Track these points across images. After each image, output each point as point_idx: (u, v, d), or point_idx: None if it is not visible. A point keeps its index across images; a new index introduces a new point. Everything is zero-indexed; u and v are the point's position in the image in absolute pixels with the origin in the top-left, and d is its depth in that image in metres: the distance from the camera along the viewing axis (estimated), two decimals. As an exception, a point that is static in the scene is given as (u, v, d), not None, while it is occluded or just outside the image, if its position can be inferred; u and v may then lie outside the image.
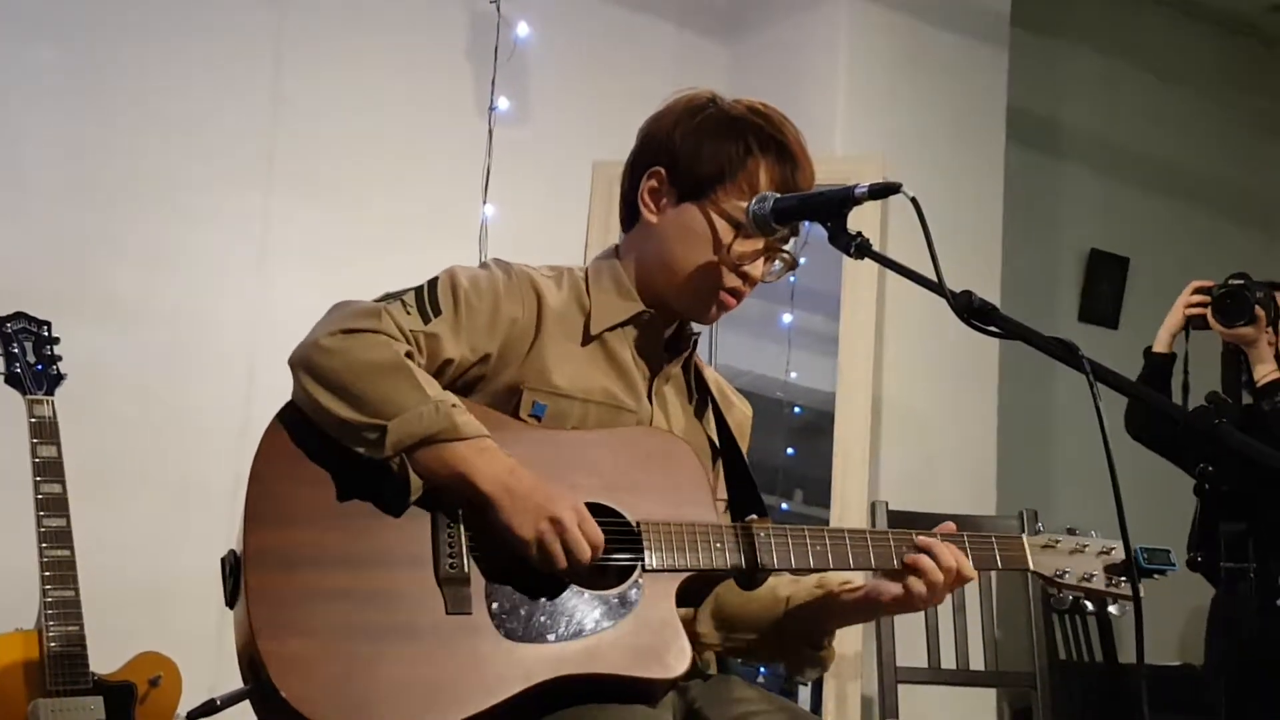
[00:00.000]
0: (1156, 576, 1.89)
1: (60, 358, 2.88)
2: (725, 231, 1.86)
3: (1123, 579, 1.90)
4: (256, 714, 1.66)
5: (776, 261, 1.92)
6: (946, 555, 1.83)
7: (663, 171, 1.91)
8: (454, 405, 1.69)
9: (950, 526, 1.90)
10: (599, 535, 1.69)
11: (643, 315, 1.92)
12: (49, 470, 2.76)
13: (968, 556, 1.87)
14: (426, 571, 1.65)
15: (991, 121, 4.54)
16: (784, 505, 4.35)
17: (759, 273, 1.91)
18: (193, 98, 3.82)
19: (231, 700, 1.62)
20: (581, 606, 1.69)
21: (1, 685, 2.63)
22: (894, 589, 1.86)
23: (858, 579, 1.94)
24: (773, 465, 4.33)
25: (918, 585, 1.83)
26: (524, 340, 1.83)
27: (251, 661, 1.58)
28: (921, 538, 1.85)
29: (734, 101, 1.94)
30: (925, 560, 1.83)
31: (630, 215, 1.98)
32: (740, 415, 2.08)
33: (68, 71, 3.67)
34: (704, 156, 1.88)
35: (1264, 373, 3.30)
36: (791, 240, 1.93)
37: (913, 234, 1.67)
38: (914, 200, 1.67)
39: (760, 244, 1.88)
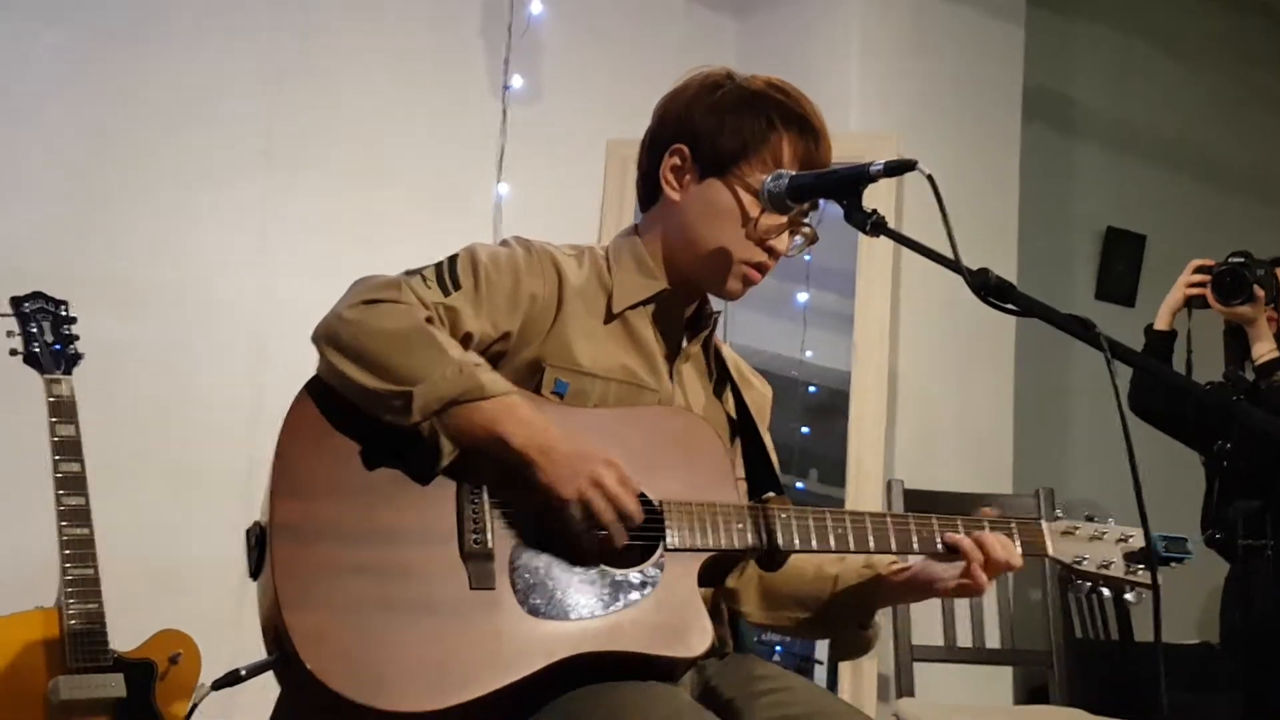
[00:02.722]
0: (1173, 565, 1.90)
1: (77, 337, 2.89)
2: (751, 206, 1.87)
3: (1140, 566, 1.91)
4: (279, 684, 1.67)
5: (798, 236, 1.92)
6: (997, 549, 1.85)
7: (685, 149, 1.91)
8: (477, 364, 1.69)
9: (990, 512, 1.91)
10: (638, 486, 1.70)
11: (664, 293, 1.92)
12: (67, 449, 2.76)
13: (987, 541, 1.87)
14: (450, 546, 1.66)
15: (1007, 99, 4.51)
16: (799, 484, 4.35)
17: (783, 247, 1.91)
18: (200, 79, 3.81)
19: (256, 670, 1.63)
20: (604, 584, 1.69)
21: (22, 662, 2.64)
22: (944, 574, 1.88)
23: (906, 559, 1.94)
24: (788, 444, 4.32)
25: (970, 571, 1.84)
26: (545, 318, 1.84)
27: (276, 632, 1.58)
28: (976, 533, 1.86)
29: (751, 77, 1.94)
30: (967, 543, 1.84)
31: (650, 193, 1.98)
32: (759, 395, 2.08)
33: (74, 55, 3.66)
34: (726, 132, 1.87)
35: (1262, 351, 3.29)
36: (810, 214, 1.94)
37: (928, 212, 1.66)
38: (930, 177, 1.66)
39: (784, 219, 1.88)
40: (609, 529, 1.68)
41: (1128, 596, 1.92)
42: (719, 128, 1.88)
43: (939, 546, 1.86)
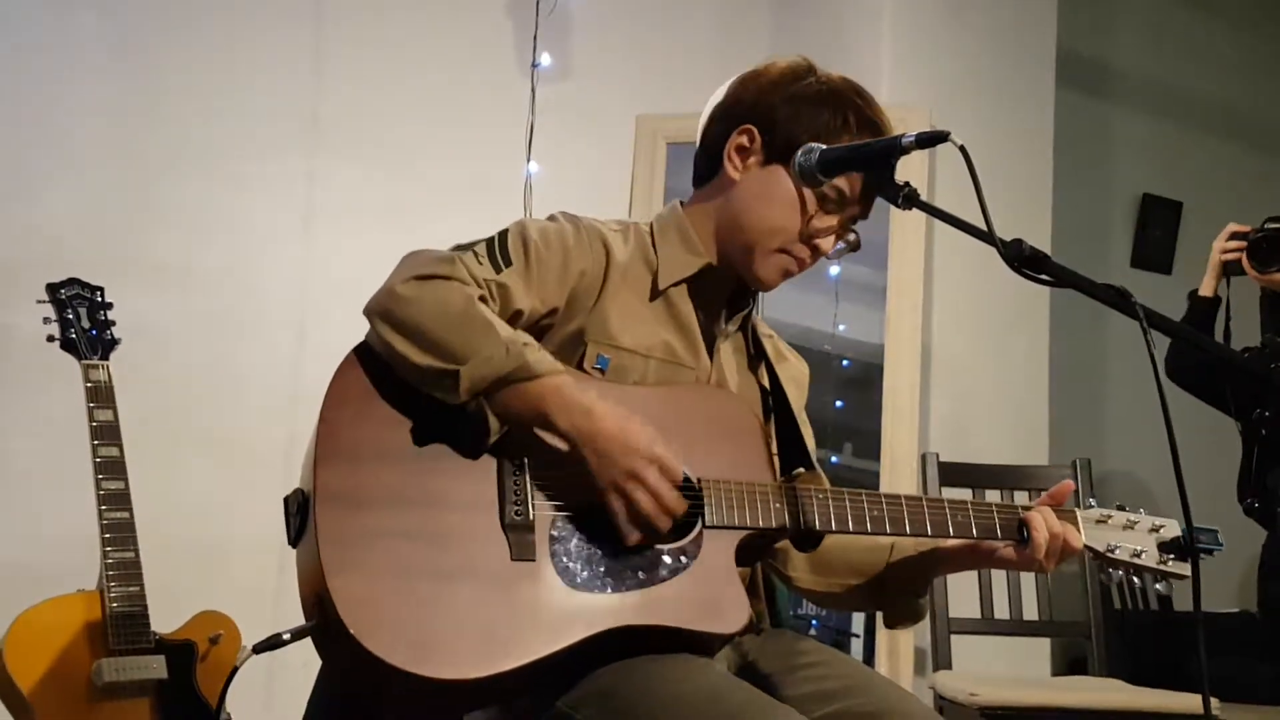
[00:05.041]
0: (1203, 556, 1.90)
1: (114, 322, 2.91)
2: (810, 202, 1.86)
3: (1171, 556, 1.93)
4: (318, 650, 1.68)
5: (841, 242, 1.92)
6: (1054, 522, 1.86)
7: (754, 130, 1.90)
8: (526, 344, 1.69)
9: (1068, 485, 1.93)
10: (680, 477, 1.69)
11: (707, 269, 1.92)
12: (106, 434, 2.79)
13: (1026, 527, 1.88)
14: (492, 516, 1.67)
15: (1040, 65, 4.46)
16: (834, 458, 4.34)
17: (828, 247, 1.91)
18: (236, 62, 3.83)
19: (299, 634, 1.63)
20: (643, 559, 1.70)
21: (66, 645, 2.67)
22: (1004, 545, 1.88)
23: None
24: (822, 418, 4.31)
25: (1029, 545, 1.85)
26: (591, 293, 1.85)
27: (318, 598, 1.59)
28: (1029, 513, 1.87)
29: (832, 75, 1.93)
30: (1035, 518, 1.85)
31: (708, 167, 1.97)
32: (795, 371, 2.09)
33: (112, 38, 3.68)
34: (802, 123, 1.86)
35: None
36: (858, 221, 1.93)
37: (961, 182, 1.65)
38: (962, 148, 1.64)
39: (835, 221, 1.88)
40: (648, 519, 1.68)
41: (1158, 586, 1.95)
42: (795, 116, 1.87)
43: (973, 533, 1.87)
